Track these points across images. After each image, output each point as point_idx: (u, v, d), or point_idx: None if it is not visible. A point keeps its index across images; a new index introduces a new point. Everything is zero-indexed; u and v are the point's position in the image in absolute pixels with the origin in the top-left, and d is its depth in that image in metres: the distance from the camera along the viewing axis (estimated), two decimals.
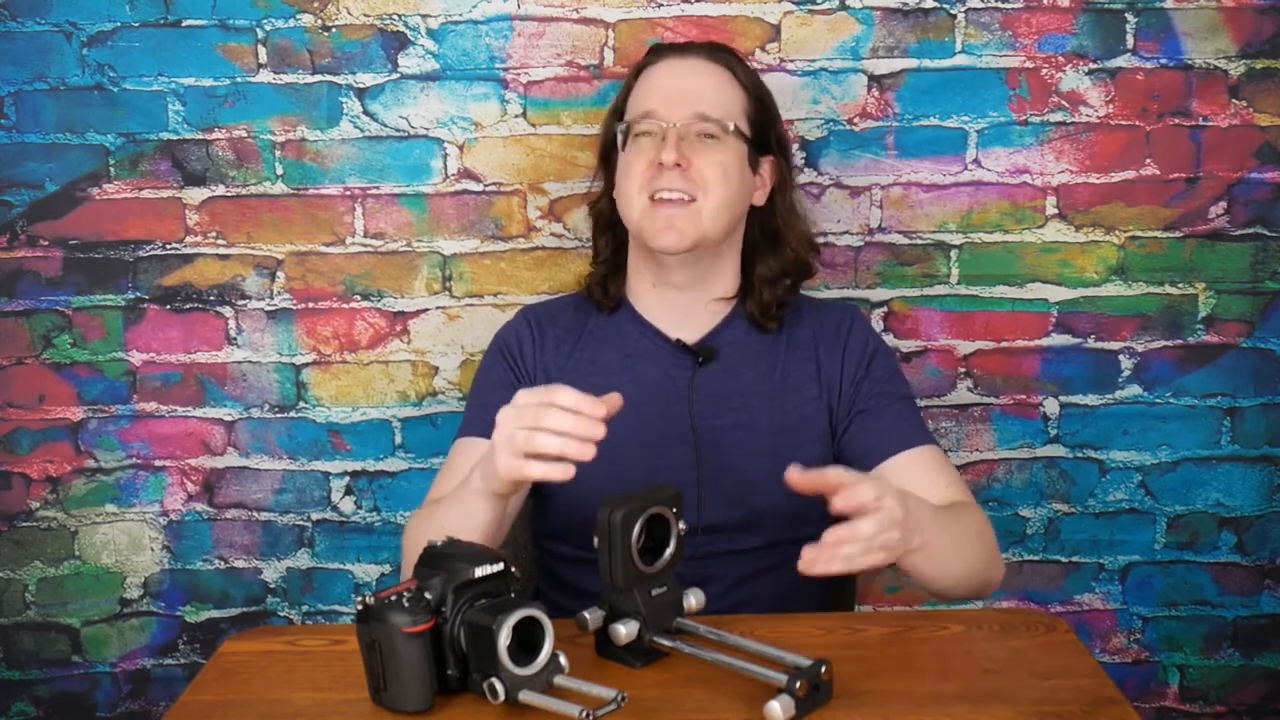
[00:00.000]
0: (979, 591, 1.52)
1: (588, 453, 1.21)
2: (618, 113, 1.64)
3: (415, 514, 1.54)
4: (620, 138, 1.60)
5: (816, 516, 1.62)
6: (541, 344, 1.64)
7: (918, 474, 1.52)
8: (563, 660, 1.16)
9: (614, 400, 1.25)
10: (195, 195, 2.00)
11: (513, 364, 1.63)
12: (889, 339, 2.03)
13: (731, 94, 1.59)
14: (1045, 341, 2.04)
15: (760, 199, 1.64)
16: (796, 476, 1.20)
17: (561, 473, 1.22)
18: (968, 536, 1.45)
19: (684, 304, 1.62)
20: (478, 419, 1.58)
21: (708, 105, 1.56)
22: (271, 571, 2.11)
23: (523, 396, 1.26)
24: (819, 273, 1.76)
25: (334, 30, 1.95)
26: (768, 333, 1.63)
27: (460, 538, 1.22)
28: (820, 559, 1.16)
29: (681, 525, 1.25)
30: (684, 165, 1.52)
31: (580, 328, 1.66)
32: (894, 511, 1.21)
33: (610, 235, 1.68)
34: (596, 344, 1.64)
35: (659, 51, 1.65)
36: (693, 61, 1.60)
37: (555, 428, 1.21)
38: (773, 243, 1.65)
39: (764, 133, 1.62)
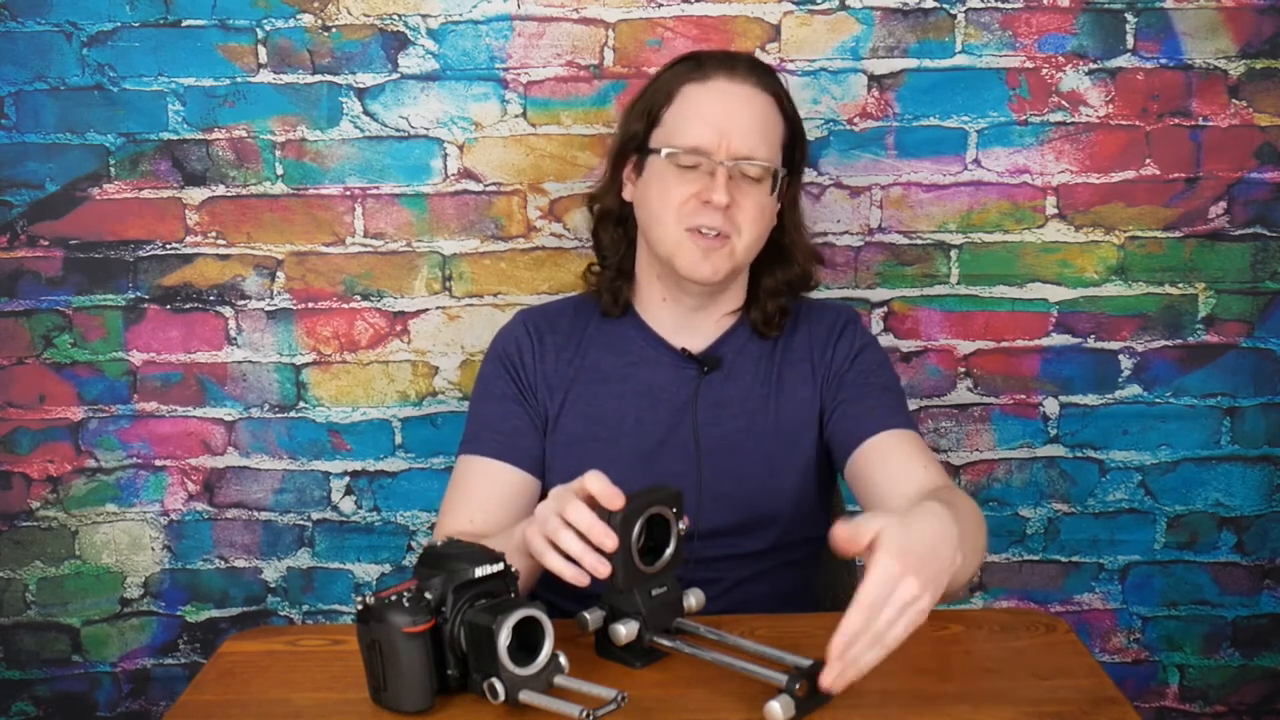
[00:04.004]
0: (965, 587, 1.45)
1: (601, 570, 1.18)
2: (648, 117, 1.56)
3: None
4: (657, 154, 1.53)
5: (815, 519, 1.63)
6: (541, 352, 1.61)
7: (893, 455, 1.49)
8: (563, 660, 1.16)
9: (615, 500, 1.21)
10: (195, 195, 2.00)
11: (515, 375, 1.61)
12: (889, 339, 2.03)
13: (777, 128, 1.56)
14: (1045, 341, 2.04)
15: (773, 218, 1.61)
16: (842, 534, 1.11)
17: (574, 575, 1.18)
18: (976, 531, 1.36)
19: (693, 318, 1.61)
20: (484, 436, 1.57)
21: (759, 147, 1.52)
22: (272, 571, 2.11)
23: (558, 490, 1.24)
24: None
25: (334, 30, 1.95)
26: (768, 339, 1.62)
27: None
28: (836, 676, 1.09)
29: (682, 525, 1.25)
30: (731, 206, 1.50)
31: (580, 333, 1.64)
32: (889, 569, 1.08)
33: (618, 232, 1.63)
34: (598, 350, 1.62)
35: (704, 67, 1.54)
36: (742, 88, 1.53)
37: (575, 521, 1.18)
38: (779, 256, 1.63)
39: (791, 155, 1.59)
